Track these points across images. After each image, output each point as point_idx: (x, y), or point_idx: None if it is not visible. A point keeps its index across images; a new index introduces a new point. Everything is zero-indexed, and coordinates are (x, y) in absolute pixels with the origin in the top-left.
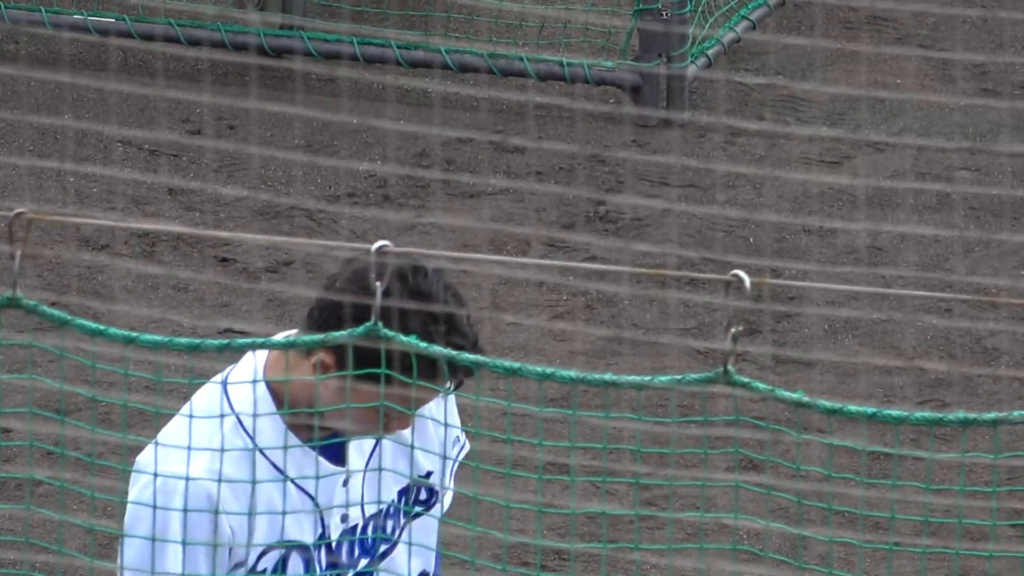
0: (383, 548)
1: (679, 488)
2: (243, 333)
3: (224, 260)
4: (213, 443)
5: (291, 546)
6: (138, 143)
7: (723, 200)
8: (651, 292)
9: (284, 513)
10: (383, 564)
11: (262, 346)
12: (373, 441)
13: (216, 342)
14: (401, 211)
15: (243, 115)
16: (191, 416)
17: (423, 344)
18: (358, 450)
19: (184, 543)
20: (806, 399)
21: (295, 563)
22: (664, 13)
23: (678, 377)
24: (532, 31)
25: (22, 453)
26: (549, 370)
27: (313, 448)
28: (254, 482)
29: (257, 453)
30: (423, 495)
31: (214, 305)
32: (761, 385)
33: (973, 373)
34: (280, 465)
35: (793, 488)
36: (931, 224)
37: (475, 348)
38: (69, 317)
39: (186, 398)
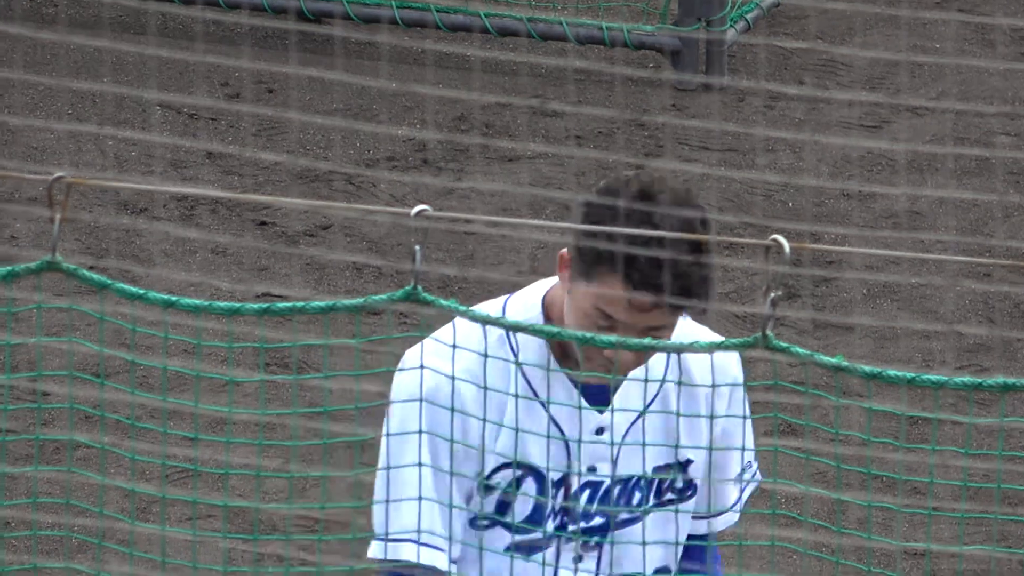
0: (623, 517)
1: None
2: (282, 297)
3: (263, 224)
4: (478, 347)
5: (528, 469)
6: (177, 107)
7: (763, 164)
8: None
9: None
10: (618, 535)
11: (302, 311)
12: (642, 404)
13: (255, 306)
14: (440, 175)
15: (282, 79)
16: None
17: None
18: (623, 407)
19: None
20: (845, 364)
21: (528, 488)
22: None
23: (717, 342)
24: None
25: (61, 416)
26: (589, 335)
27: (574, 382)
28: (512, 394)
29: (516, 370)
30: (679, 483)
31: (253, 269)
32: (800, 350)
33: (1012, 337)
34: (536, 386)
35: (831, 453)
36: (970, 188)
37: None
38: (108, 281)
39: (224, 362)
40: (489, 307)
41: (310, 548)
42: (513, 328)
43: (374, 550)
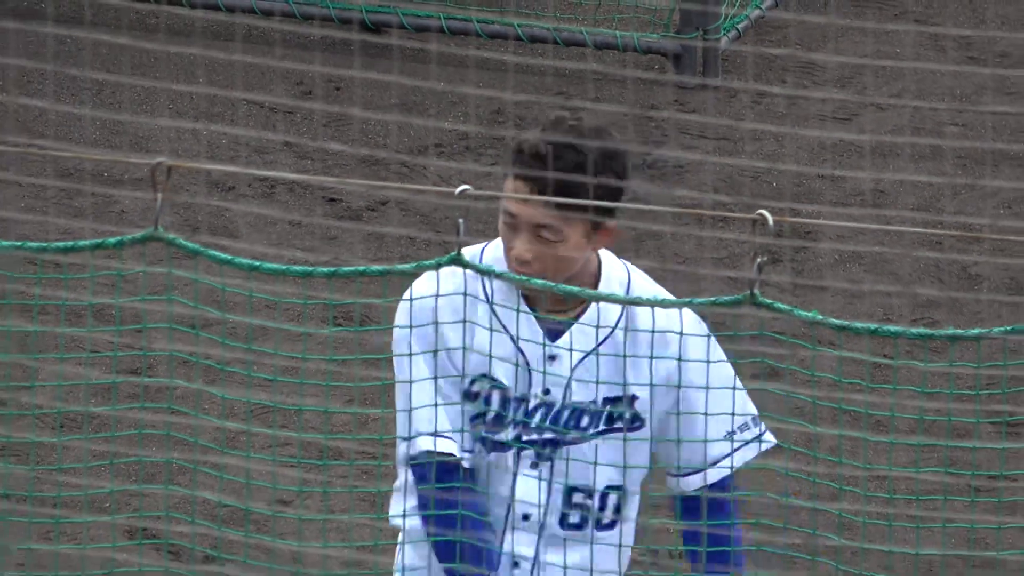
0: (571, 436)
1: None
2: (347, 262)
3: (331, 201)
4: (457, 280)
5: (494, 383)
6: (259, 103)
7: (750, 151)
8: (689, 229)
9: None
10: (569, 453)
11: (363, 274)
12: (594, 343)
13: (324, 270)
14: (480, 160)
15: (347, 80)
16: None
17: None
18: (579, 341)
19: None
20: (819, 317)
21: (494, 401)
22: None
23: (712, 299)
24: (590, 8)
25: (162, 363)
26: (605, 292)
27: (539, 317)
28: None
29: (488, 303)
30: (627, 415)
31: (323, 239)
32: (781, 306)
33: (959, 296)
34: (502, 318)
35: (808, 392)
36: (925, 171)
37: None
38: (202, 249)
39: (299, 317)
40: (469, 250)
41: (371, 473)
42: (480, 271)
43: (398, 450)
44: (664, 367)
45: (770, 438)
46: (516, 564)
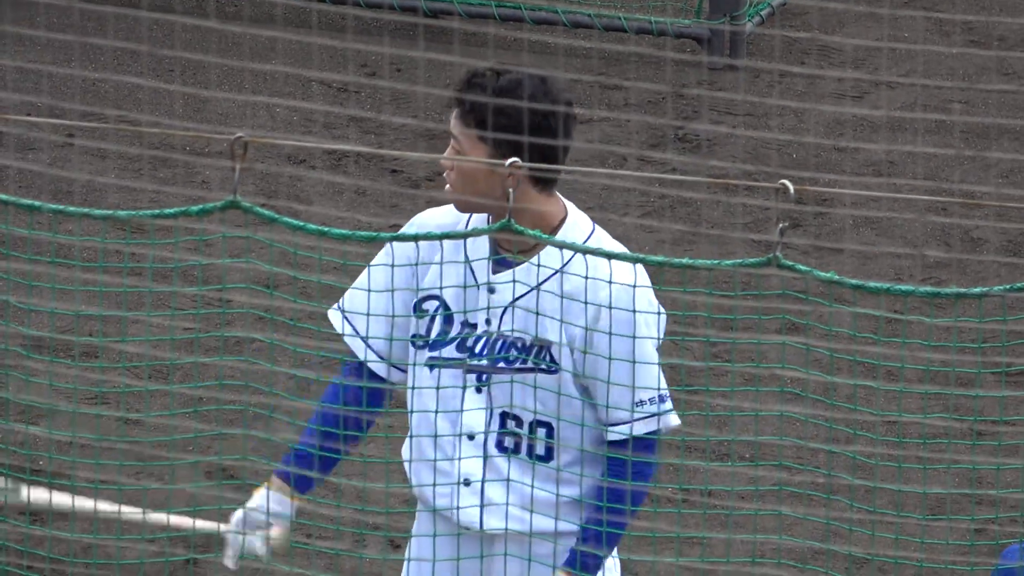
0: (500, 365)
1: (739, 345)
2: None
3: (394, 172)
4: (446, 213)
5: (441, 302)
6: (329, 82)
7: (773, 126)
8: (718, 196)
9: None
10: (496, 385)
11: (424, 238)
12: (534, 283)
13: (388, 235)
14: None
15: (409, 62)
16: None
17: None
18: (521, 279)
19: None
20: (836, 277)
21: (441, 323)
22: None
23: (739, 261)
24: None
25: (240, 318)
26: (640, 255)
27: (497, 257)
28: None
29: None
30: (547, 361)
31: (387, 206)
32: (802, 267)
33: (964, 258)
34: (469, 252)
35: (826, 345)
36: (932, 144)
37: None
38: (277, 215)
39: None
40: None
41: None
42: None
43: (332, 314)
44: (583, 324)
45: (674, 420)
46: (467, 483)
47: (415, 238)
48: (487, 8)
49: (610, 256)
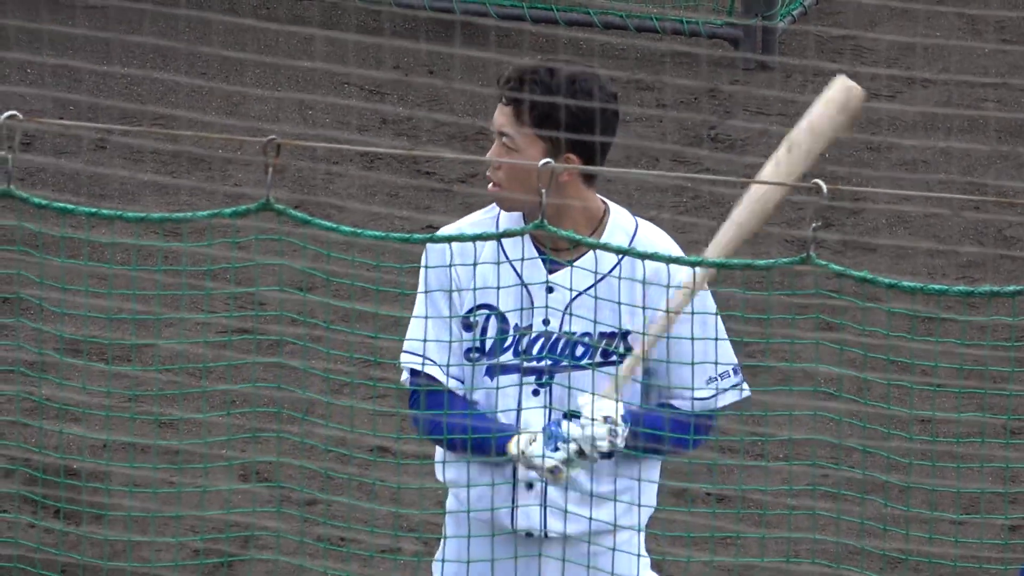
0: (565, 364)
1: (773, 344)
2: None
3: (427, 173)
4: (475, 222)
5: (495, 310)
6: (362, 84)
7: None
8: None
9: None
10: (561, 379)
11: (456, 239)
12: (591, 280)
13: (420, 236)
14: None
15: (443, 61)
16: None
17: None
18: (578, 279)
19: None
20: (870, 276)
21: (494, 328)
22: None
23: (773, 261)
24: None
25: (272, 320)
26: (677, 256)
27: (544, 256)
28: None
29: (497, 240)
30: (621, 349)
31: (419, 207)
32: (835, 266)
33: (997, 255)
34: (509, 254)
35: (860, 343)
36: (965, 142)
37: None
38: (309, 217)
39: (397, 277)
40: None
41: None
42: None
43: (401, 359)
44: (657, 310)
45: (747, 388)
46: (530, 486)
47: (448, 240)
48: (521, 10)
49: (644, 256)
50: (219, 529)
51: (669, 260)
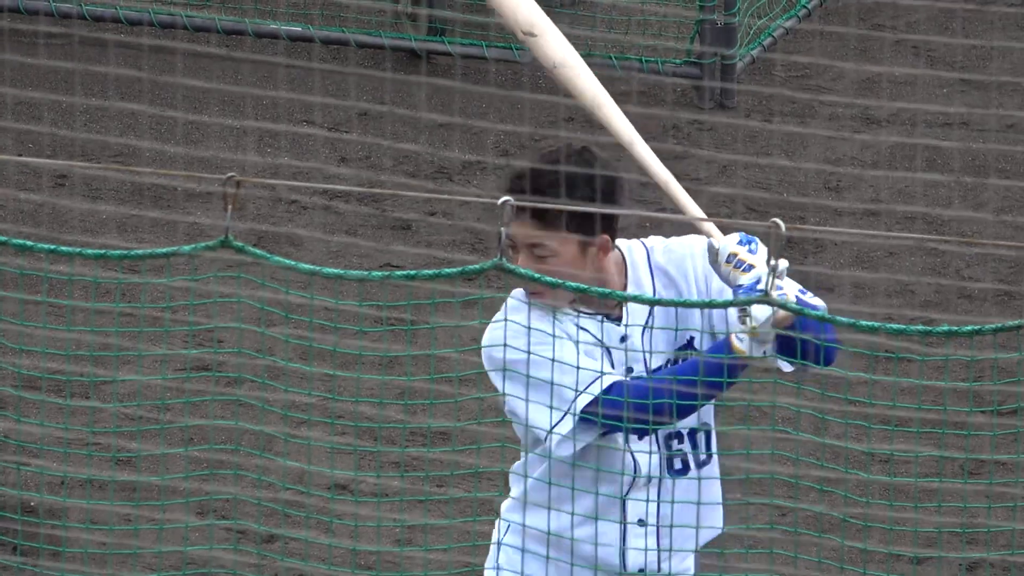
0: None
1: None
2: (399, 267)
3: (384, 211)
4: (530, 317)
5: (596, 374)
6: (320, 124)
7: (764, 165)
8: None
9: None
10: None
11: (414, 277)
12: (647, 311)
13: (379, 274)
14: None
15: (409, 95)
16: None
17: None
18: (633, 321)
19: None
20: (828, 315)
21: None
22: (718, 23)
23: (729, 300)
24: (623, 36)
25: (231, 356)
26: (650, 297)
27: (596, 315)
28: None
29: (563, 321)
30: (691, 348)
31: (378, 245)
32: (793, 305)
33: (953, 297)
34: (565, 327)
35: (818, 382)
36: (925, 182)
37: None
38: (268, 255)
39: (355, 318)
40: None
41: (420, 459)
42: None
43: (564, 426)
44: (713, 287)
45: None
46: (641, 522)
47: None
48: (479, 48)
49: (625, 298)
50: (176, 566)
51: (625, 298)
